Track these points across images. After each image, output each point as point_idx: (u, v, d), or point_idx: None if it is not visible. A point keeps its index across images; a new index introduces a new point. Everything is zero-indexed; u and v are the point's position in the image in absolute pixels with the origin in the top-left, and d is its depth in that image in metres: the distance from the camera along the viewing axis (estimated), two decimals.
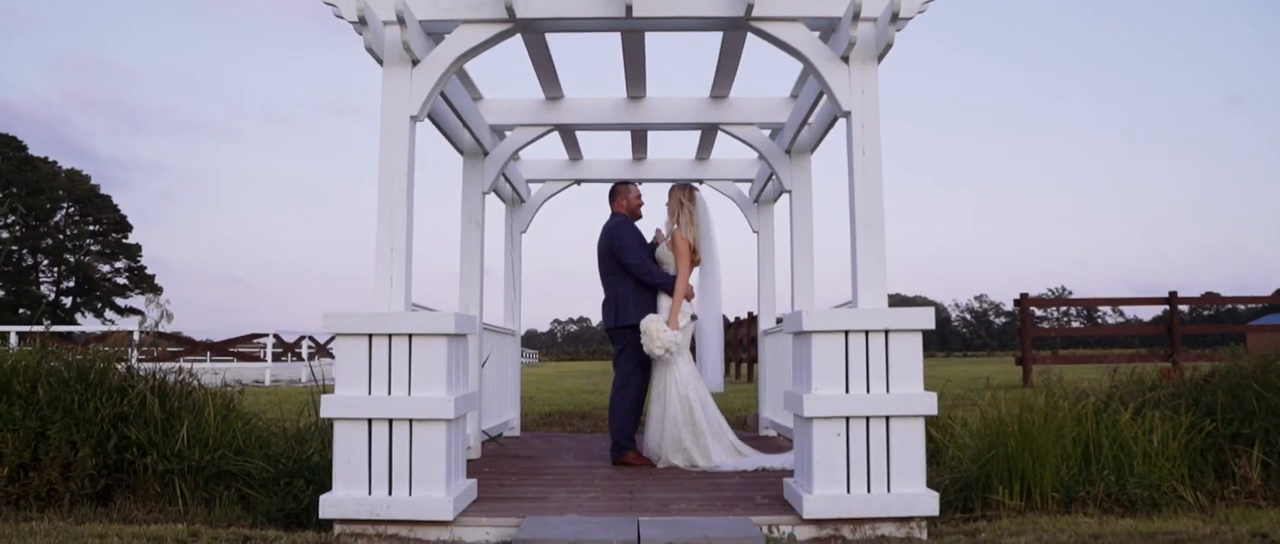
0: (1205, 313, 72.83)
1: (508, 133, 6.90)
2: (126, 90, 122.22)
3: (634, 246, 6.32)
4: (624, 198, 6.62)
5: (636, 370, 6.30)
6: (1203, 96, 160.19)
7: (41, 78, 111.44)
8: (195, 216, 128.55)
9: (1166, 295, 13.78)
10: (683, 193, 6.45)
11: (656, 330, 6.04)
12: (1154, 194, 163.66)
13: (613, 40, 5.45)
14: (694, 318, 6.27)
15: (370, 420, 4.27)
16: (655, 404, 6.18)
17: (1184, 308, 14.42)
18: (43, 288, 57.81)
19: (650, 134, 7.41)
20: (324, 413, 4.27)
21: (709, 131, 7.13)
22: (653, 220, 10.57)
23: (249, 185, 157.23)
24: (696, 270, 6.41)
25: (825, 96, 5.16)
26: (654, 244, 6.62)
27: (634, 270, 6.27)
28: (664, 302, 6.22)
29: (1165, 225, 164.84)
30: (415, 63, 4.59)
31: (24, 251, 56.63)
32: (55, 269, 58.80)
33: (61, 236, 58.26)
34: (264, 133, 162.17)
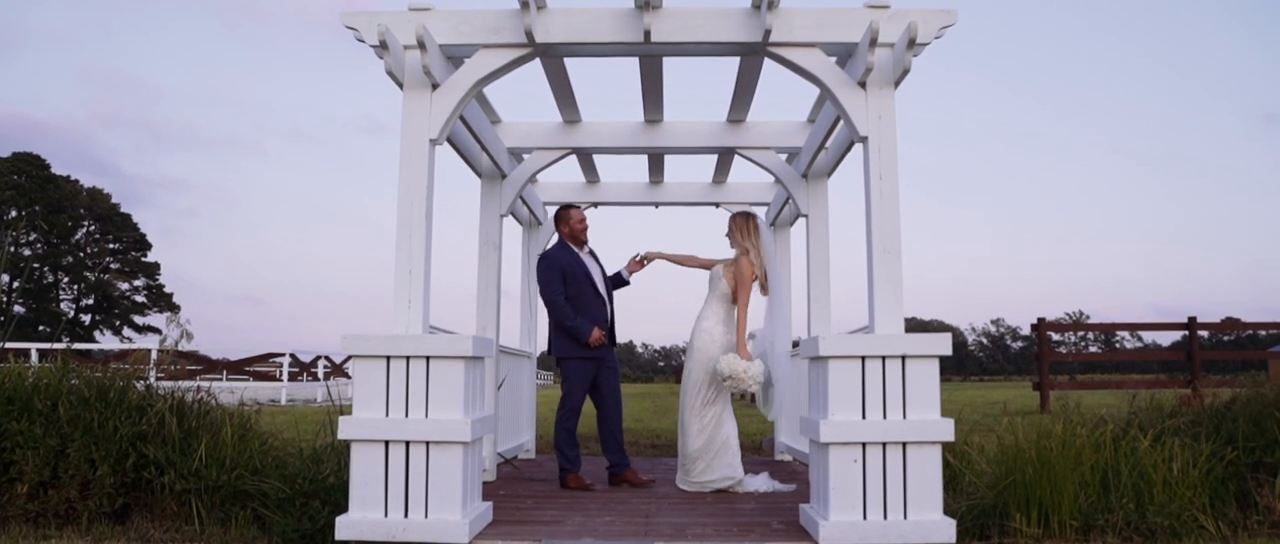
0: (1225, 338, 72.19)
1: (526, 156, 6.93)
2: (152, 106, 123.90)
3: (548, 281, 6.20)
4: (565, 223, 6.41)
5: (569, 396, 6.25)
6: (1236, 115, 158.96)
7: (67, 94, 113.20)
8: (218, 234, 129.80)
9: (1186, 321, 13.67)
10: (744, 220, 6.17)
11: (737, 369, 5.80)
12: (1178, 215, 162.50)
13: (631, 64, 5.48)
14: (752, 336, 6.10)
15: (387, 442, 4.28)
16: (698, 424, 6.03)
17: (1204, 333, 14.29)
18: (63, 305, 58.32)
19: (667, 158, 7.44)
20: (341, 434, 4.29)
21: (726, 156, 7.15)
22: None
23: (272, 203, 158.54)
24: (765, 299, 6.16)
25: (842, 121, 5.18)
26: (618, 273, 6.54)
27: (546, 303, 6.22)
28: (714, 332, 6.09)
29: (1189, 247, 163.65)
30: (435, 86, 4.63)
31: (45, 269, 57.20)
32: (75, 287, 59.35)
33: (82, 255, 58.82)
34: (289, 150, 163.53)
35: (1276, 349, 20.88)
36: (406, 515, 4.24)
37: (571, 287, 6.23)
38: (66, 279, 58.89)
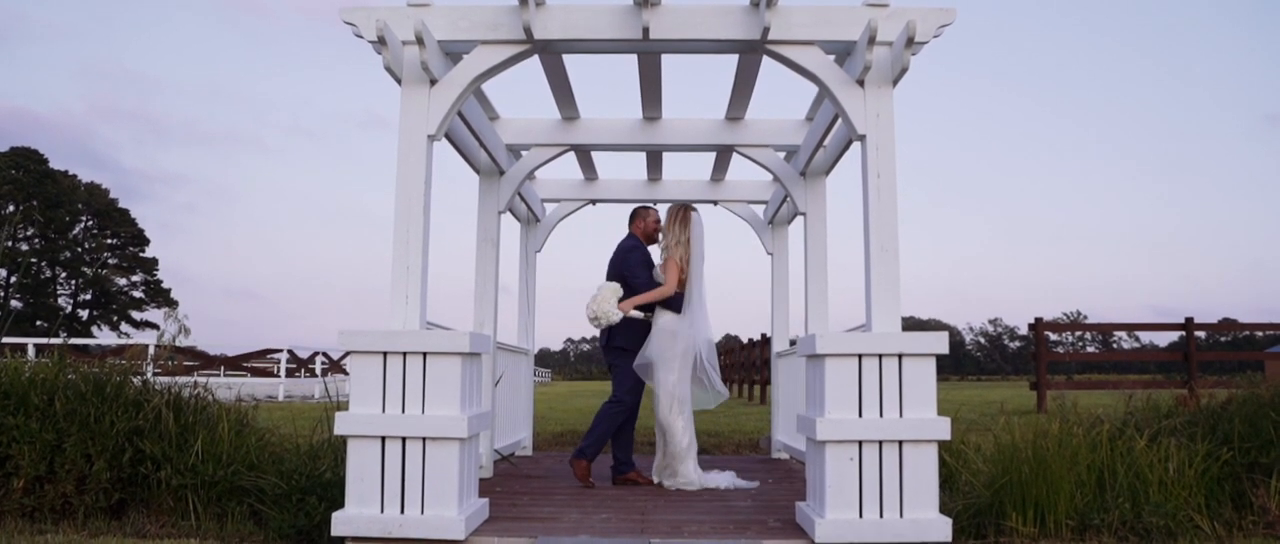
0: (1222, 339, 72.27)
1: (524, 152, 6.93)
2: (152, 100, 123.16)
3: (642, 271, 6.29)
4: (642, 220, 6.55)
5: (629, 393, 6.25)
6: (1237, 116, 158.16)
7: (67, 87, 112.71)
8: (217, 229, 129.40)
9: (1183, 321, 13.69)
10: (674, 213, 6.28)
11: (603, 297, 6.02)
12: (1176, 216, 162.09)
13: (629, 61, 5.48)
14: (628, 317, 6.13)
15: (383, 438, 4.28)
16: (682, 422, 6.09)
17: (1201, 334, 14.31)
18: (60, 301, 58.26)
19: (666, 155, 7.44)
20: (338, 430, 4.29)
21: (724, 153, 7.15)
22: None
23: (271, 198, 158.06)
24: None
25: (840, 120, 5.18)
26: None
27: (641, 291, 6.21)
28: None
29: (1188, 248, 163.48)
30: (433, 82, 4.62)
31: (42, 264, 57.15)
32: (73, 282, 59.29)
33: (80, 250, 58.77)
34: (289, 145, 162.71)
35: (1273, 350, 20.92)
36: (403, 511, 4.24)
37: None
38: (64, 274, 58.86)
